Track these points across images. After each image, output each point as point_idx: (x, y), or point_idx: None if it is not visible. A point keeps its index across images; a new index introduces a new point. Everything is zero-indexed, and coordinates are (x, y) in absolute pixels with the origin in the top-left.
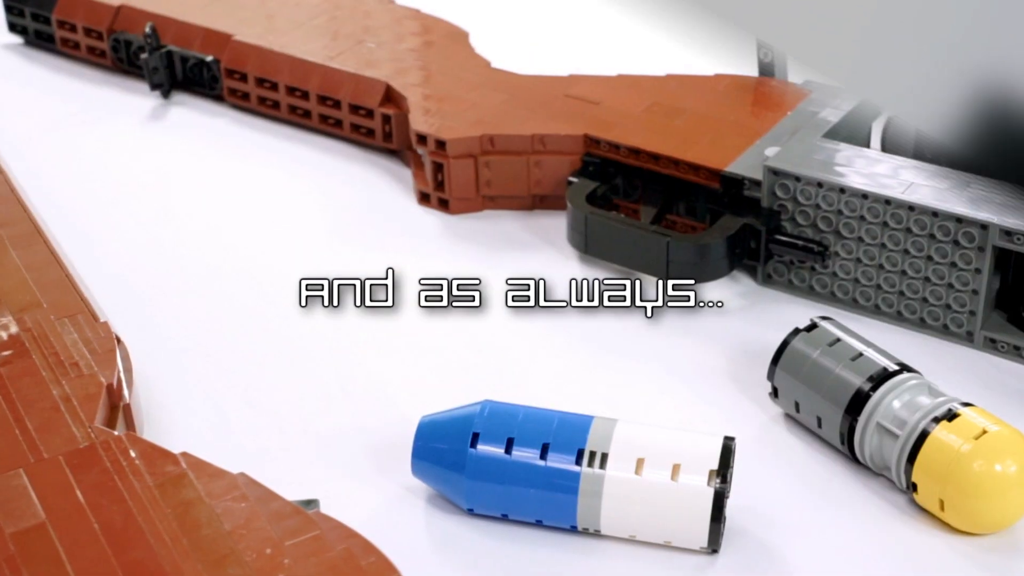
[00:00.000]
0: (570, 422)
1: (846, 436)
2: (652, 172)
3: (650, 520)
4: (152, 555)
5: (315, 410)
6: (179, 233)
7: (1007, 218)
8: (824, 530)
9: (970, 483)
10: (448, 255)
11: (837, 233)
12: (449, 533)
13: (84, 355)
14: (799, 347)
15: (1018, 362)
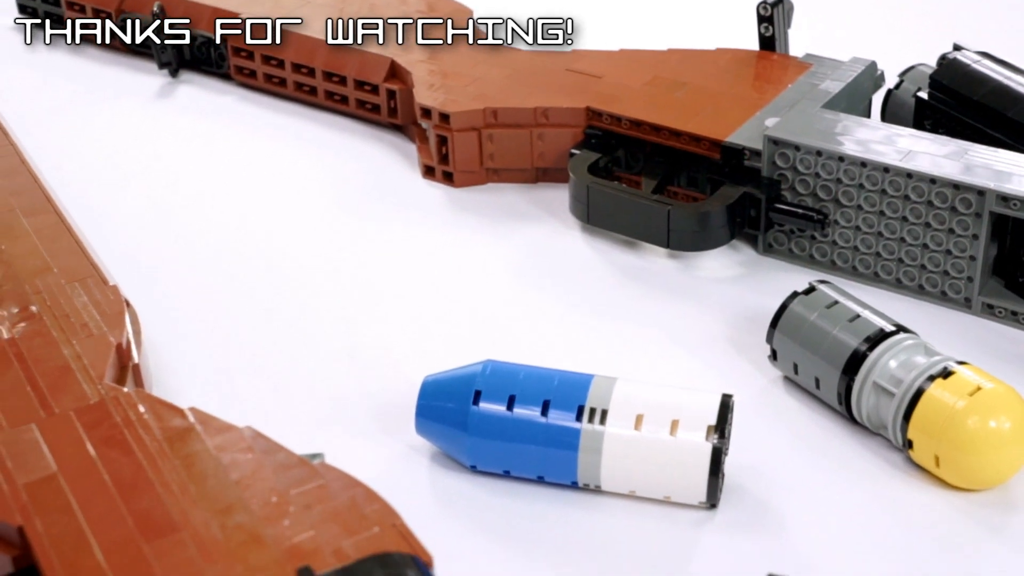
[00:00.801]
0: (570, 380)
1: (843, 396)
2: (654, 144)
3: (649, 475)
4: (160, 504)
5: (320, 373)
6: (187, 207)
7: (1004, 184)
8: (821, 487)
9: (965, 439)
10: (452, 227)
11: (836, 201)
12: (452, 490)
13: (94, 316)
14: (797, 310)
15: (1015, 327)
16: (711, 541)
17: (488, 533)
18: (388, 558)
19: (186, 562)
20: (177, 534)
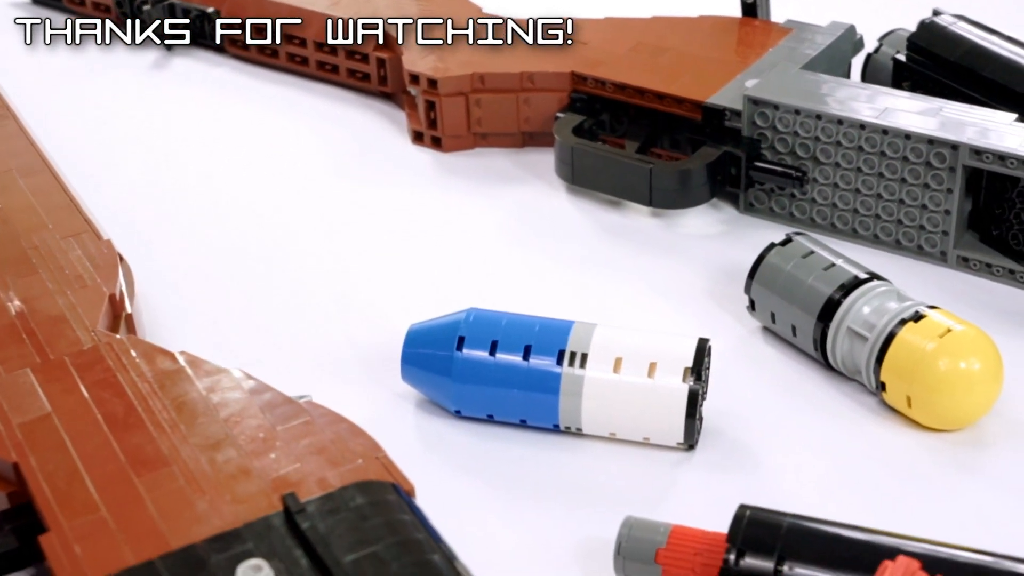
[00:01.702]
0: (551, 326)
1: (819, 342)
2: (637, 106)
3: (628, 417)
4: (151, 440)
5: (310, 325)
6: (181, 172)
7: (976, 138)
8: (797, 429)
9: (935, 380)
10: (440, 189)
11: (815, 159)
12: (438, 434)
13: (88, 269)
14: (774, 260)
15: (989, 279)
16: (689, 480)
17: (472, 475)
18: (369, 485)
19: (175, 493)
20: (167, 468)
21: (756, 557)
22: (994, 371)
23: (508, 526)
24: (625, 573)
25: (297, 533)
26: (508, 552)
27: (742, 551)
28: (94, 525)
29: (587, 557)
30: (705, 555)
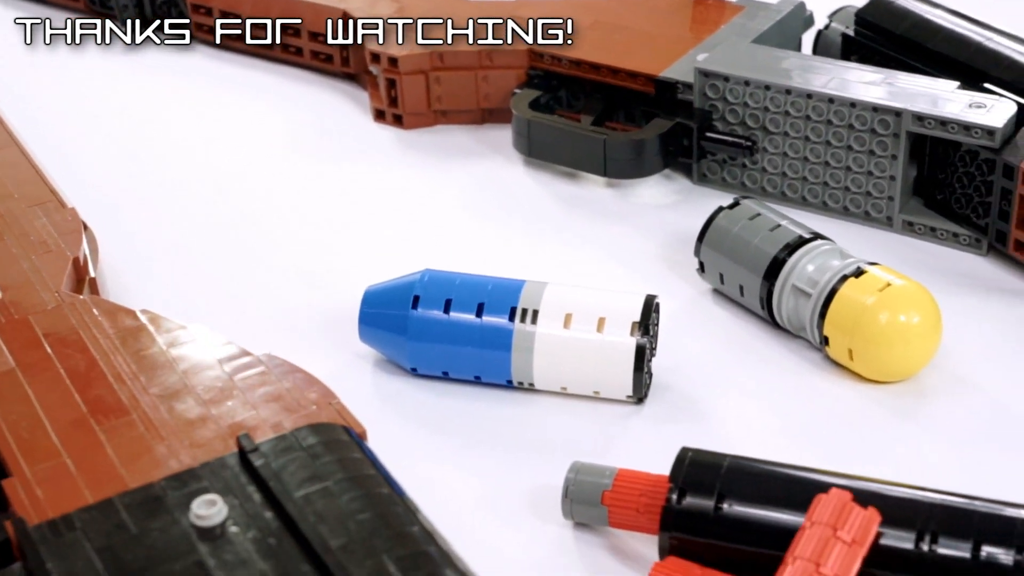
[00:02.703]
0: (504, 285)
1: (765, 300)
2: (593, 82)
3: (578, 372)
4: (112, 392)
5: (270, 289)
6: (147, 150)
7: (918, 105)
8: (744, 384)
9: (875, 333)
10: (401, 163)
11: (764, 129)
12: (395, 391)
13: (52, 235)
14: (722, 223)
15: (934, 242)
16: (637, 430)
17: (428, 428)
18: (321, 426)
19: (135, 440)
20: (127, 416)
21: (697, 496)
22: (933, 324)
23: (461, 474)
24: (573, 515)
25: (251, 471)
26: (460, 497)
27: (683, 491)
28: (55, 470)
29: (537, 502)
30: (649, 496)
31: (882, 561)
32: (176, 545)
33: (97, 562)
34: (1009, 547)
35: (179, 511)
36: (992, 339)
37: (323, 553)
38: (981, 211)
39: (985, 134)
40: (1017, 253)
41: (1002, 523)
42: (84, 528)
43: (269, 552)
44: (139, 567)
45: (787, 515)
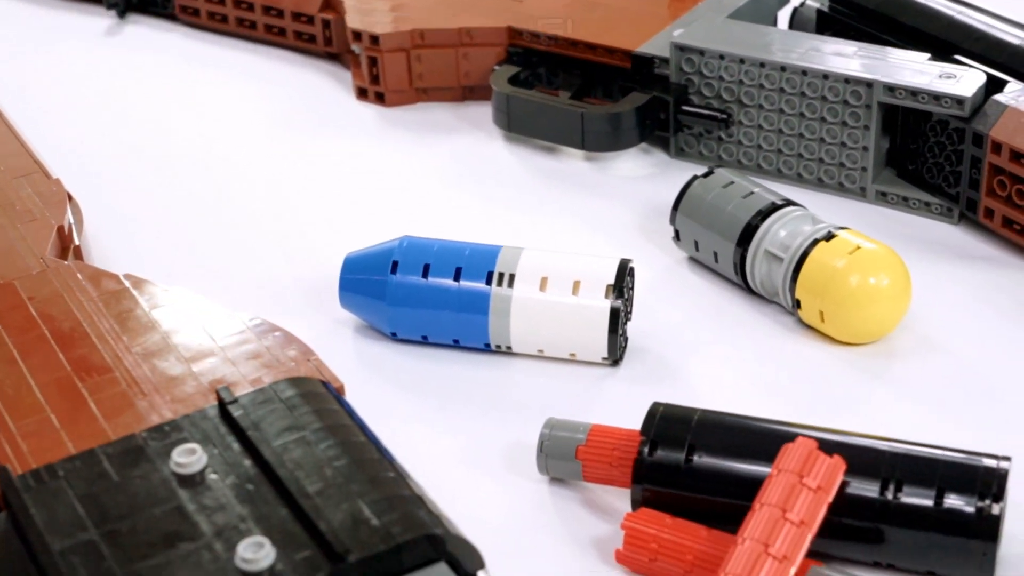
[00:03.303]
0: (481, 250)
1: (739, 266)
2: (571, 58)
3: (555, 334)
4: (95, 351)
5: (252, 259)
6: (133, 127)
7: (889, 75)
8: (718, 347)
9: (846, 295)
10: (383, 140)
11: (739, 102)
12: (375, 356)
13: (37, 204)
14: (697, 191)
15: (906, 211)
16: (612, 391)
17: (407, 391)
18: (300, 380)
19: (118, 396)
20: (110, 374)
21: (668, 449)
22: (902, 286)
23: (439, 433)
24: (548, 470)
25: (229, 421)
26: (438, 454)
27: (655, 443)
28: (39, 424)
29: (513, 459)
30: (621, 449)
31: (847, 509)
32: (157, 491)
33: (79, 508)
34: (971, 494)
35: (160, 460)
36: (961, 302)
37: (300, 497)
38: (952, 180)
39: (955, 103)
40: (987, 221)
41: (964, 471)
42: (67, 476)
43: (247, 497)
44: (120, 513)
45: (756, 466)
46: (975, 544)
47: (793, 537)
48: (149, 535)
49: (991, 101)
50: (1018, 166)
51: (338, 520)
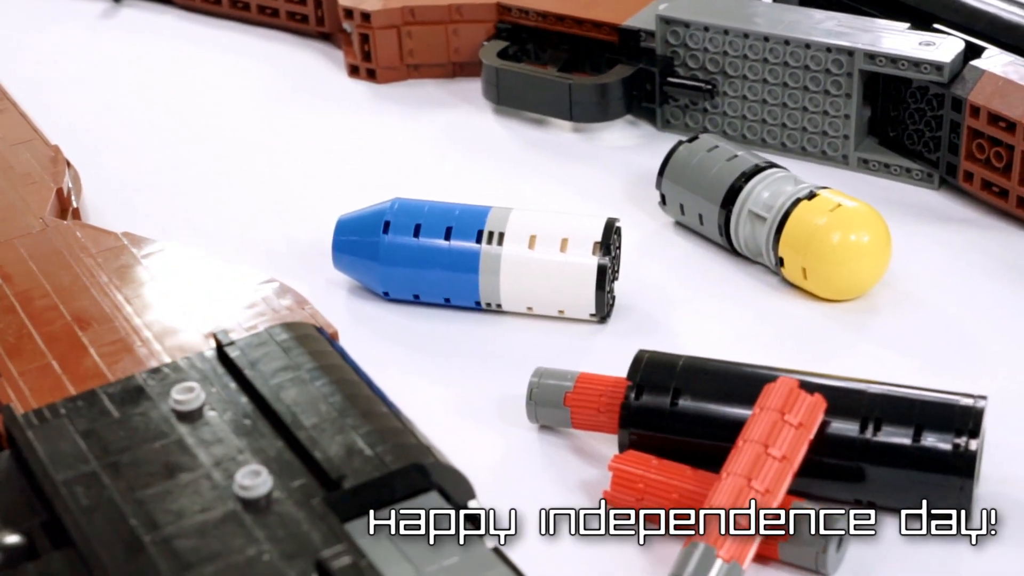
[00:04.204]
0: (471, 211)
1: (723, 227)
2: (559, 33)
3: (543, 292)
4: (95, 303)
5: (247, 226)
6: (130, 104)
7: (871, 43)
8: (704, 304)
9: (827, 251)
10: (375, 115)
11: (724, 73)
12: (369, 315)
13: (36, 169)
14: (682, 155)
15: (888, 178)
16: (600, 346)
17: (400, 347)
18: (294, 324)
19: (117, 343)
20: (109, 323)
21: (653, 394)
22: (882, 243)
23: (431, 384)
24: (537, 418)
25: (227, 363)
26: (429, 404)
27: (641, 388)
28: (41, 369)
29: (504, 409)
30: (608, 396)
31: (829, 449)
32: (157, 427)
33: (81, 443)
34: (948, 432)
35: (159, 398)
36: (941, 261)
37: (296, 430)
38: (932, 146)
39: (934, 69)
40: (966, 184)
41: (942, 410)
42: (69, 414)
43: (245, 431)
44: (121, 447)
45: (739, 409)
46: (952, 480)
47: (775, 472)
48: (149, 466)
49: (969, 67)
50: (996, 129)
51: (333, 450)
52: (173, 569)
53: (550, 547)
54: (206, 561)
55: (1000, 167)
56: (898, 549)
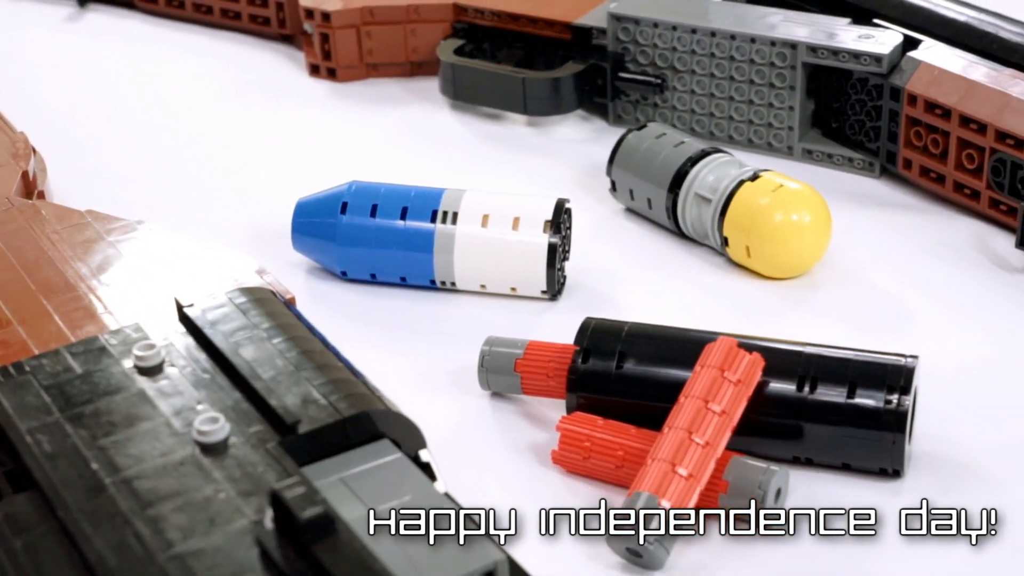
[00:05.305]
0: (426, 192)
1: (671, 211)
2: (514, 32)
3: (496, 269)
4: (59, 274)
5: (208, 212)
6: (95, 105)
7: (813, 37)
8: (652, 282)
9: (770, 230)
10: (335, 111)
11: (673, 68)
12: (327, 294)
13: (2, 153)
14: (631, 142)
15: (831, 167)
16: (552, 321)
17: (357, 324)
18: (251, 289)
19: (81, 310)
20: (73, 292)
21: (599, 358)
22: (823, 223)
23: (386, 356)
24: (489, 385)
25: (187, 323)
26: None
27: (587, 353)
28: (7, 334)
29: (457, 378)
30: (557, 361)
31: (768, 407)
32: (118, 381)
33: (46, 396)
34: (880, 389)
35: (121, 356)
36: (881, 243)
37: (253, 381)
38: (873, 135)
39: (873, 61)
40: (906, 171)
41: (874, 368)
42: (33, 372)
43: (203, 384)
44: (84, 399)
45: (682, 371)
46: (885, 435)
47: (716, 426)
48: (111, 416)
49: (907, 58)
50: (933, 116)
51: (288, 400)
52: (133, 507)
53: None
54: (165, 499)
55: (937, 153)
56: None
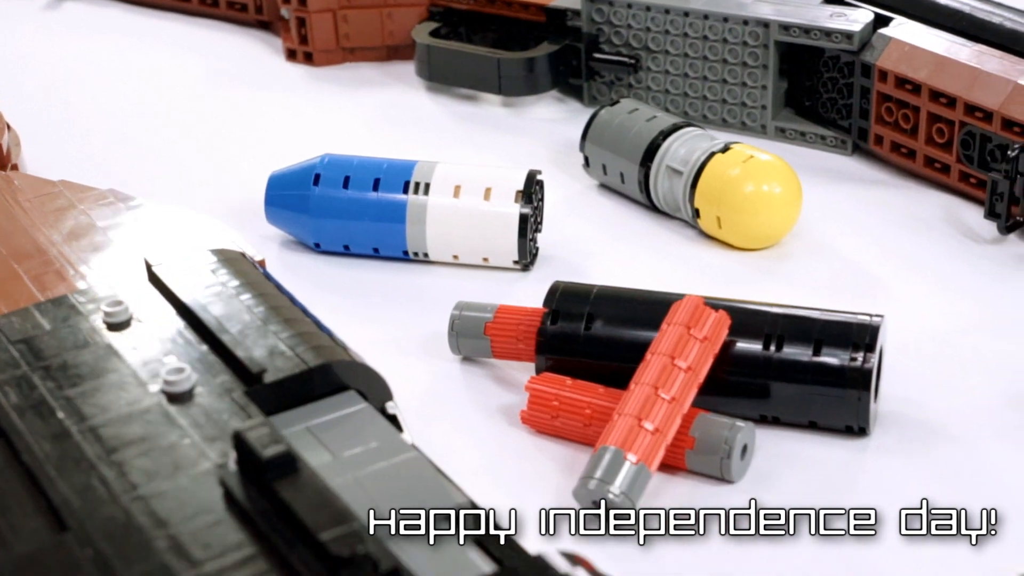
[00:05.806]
0: (398, 164)
1: (643, 184)
2: (489, 15)
3: (468, 239)
4: (30, 239)
5: (183, 189)
6: (74, 91)
7: (785, 15)
8: (624, 253)
9: (740, 201)
10: (312, 95)
11: (647, 48)
12: (300, 265)
13: None
14: (604, 118)
15: (804, 146)
16: (524, 291)
17: (330, 293)
18: (221, 251)
19: (52, 273)
20: (44, 256)
21: (568, 320)
22: (793, 194)
23: (360, 325)
24: (459, 349)
25: (156, 281)
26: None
27: (556, 315)
28: None
29: (428, 344)
30: (526, 324)
31: (735, 366)
32: (86, 336)
33: (14, 351)
34: (845, 347)
35: (90, 313)
36: (851, 216)
37: (220, 334)
38: (845, 112)
39: (844, 38)
40: (877, 148)
41: (839, 327)
42: (3, 329)
43: (171, 338)
44: (53, 353)
45: (650, 332)
46: (850, 393)
47: (682, 382)
48: (79, 369)
49: (878, 35)
50: (903, 92)
51: (255, 351)
52: (98, 453)
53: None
54: (130, 445)
55: (908, 128)
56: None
